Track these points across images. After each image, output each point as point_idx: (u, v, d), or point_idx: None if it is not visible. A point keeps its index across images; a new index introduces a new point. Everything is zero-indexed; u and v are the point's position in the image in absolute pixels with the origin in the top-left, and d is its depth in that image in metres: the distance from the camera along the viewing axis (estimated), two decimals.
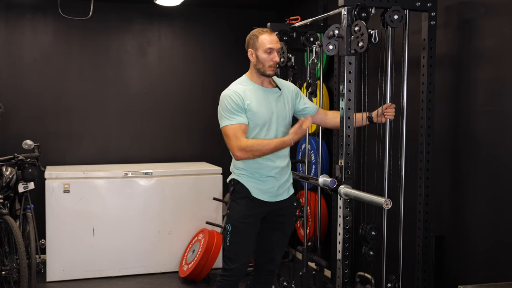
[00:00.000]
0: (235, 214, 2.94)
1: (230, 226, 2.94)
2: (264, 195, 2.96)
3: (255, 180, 2.94)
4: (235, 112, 2.86)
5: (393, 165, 3.03)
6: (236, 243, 2.94)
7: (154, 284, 4.54)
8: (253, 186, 2.94)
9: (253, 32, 2.98)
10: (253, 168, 2.94)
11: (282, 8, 5.54)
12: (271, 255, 3.10)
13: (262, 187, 2.95)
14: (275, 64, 2.94)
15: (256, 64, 2.95)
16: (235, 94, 2.88)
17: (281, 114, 3.00)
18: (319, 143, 3.97)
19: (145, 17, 5.37)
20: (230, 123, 2.85)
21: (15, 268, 3.89)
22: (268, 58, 2.92)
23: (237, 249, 2.94)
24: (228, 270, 2.96)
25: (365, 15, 2.71)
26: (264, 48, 2.91)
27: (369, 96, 3.36)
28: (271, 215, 3.02)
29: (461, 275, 3.08)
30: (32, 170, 4.20)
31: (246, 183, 2.94)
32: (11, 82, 5.02)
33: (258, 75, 2.97)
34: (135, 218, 4.71)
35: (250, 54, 2.97)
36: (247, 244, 2.97)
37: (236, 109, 2.86)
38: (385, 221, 3.00)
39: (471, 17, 3.02)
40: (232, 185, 3.00)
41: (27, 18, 5.05)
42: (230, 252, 2.96)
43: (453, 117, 3.15)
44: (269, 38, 2.92)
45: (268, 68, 2.93)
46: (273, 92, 3.01)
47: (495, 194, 2.86)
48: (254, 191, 2.94)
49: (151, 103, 5.42)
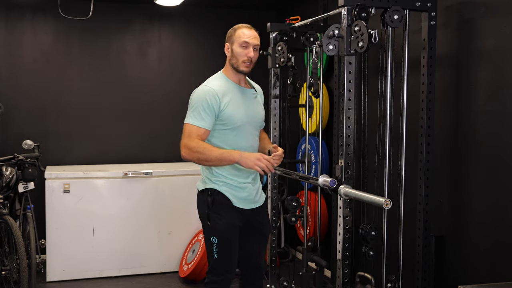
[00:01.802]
0: (220, 226, 2.80)
1: (216, 238, 2.79)
2: (243, 202, 2.87)
3: (233, 187, 2.84)
4: (203, 114, 2.77)
5: (393, 165, 3.03)
6: (224, 255, 2.81)
7: (154, 284, 4.54)
8: (233, 195, 2.83)
9: (233, 27, 2.91)
10: (231, 175, 2.83)
11: (282, 8, 5.54)
12: (256, 261, 3.01)
13: (240, 195, 2.85)
14: (249, 60, 2.82)
15: (231, 58, 2.86)
16: (213, 95, 2.78)
17: (256, 116, 2.94)
18: (319, 143, 3.97)
19: (145, 17, 5.37)
20: (193, 123, 2.77)
21: (15, 268, 3.89)
22: (242, 53, 2.81)
23: (226, 261, 2.83)
24: (216, 282, 2.84)
25: (365, 15, 2.71)
26: (240, 41, 2.81)
27: (369, 96, 3.36)
28: (252, 222, 2.93)
29: (461, 275, 3.08)
30: (32, 170, 4.20)
31: (225, 192, 2.82)
32: (11, 82, 5.02)
33: (234, 73, 2.87)
34: (135, 218, 4.71)
35: (226, 48, 2.88)
36: (235, 254, 2.87)
37: (207, 111, 2.77)
38: (385, 221, 3.00)
39: (471, 17, 3.02)
40: (209, 195, 2.83)
41: (27, 18, 5.05)
42: (218, 265, 2.83)
43: (453, 117, 3.15)
44: (247, 32, 2.83)
45: (241, 63, 2.82)
46: (250, 93, 2.94)
47: (495, 194, 2.86)
48: (235, 201, 2.84)
49: (151, 103, 5.41)
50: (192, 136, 2.75)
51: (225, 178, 2.84)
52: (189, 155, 2.73)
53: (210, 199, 2.83)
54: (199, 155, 2.71)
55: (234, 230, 2.85)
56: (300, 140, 4.67)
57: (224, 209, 2.83)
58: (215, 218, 2.81)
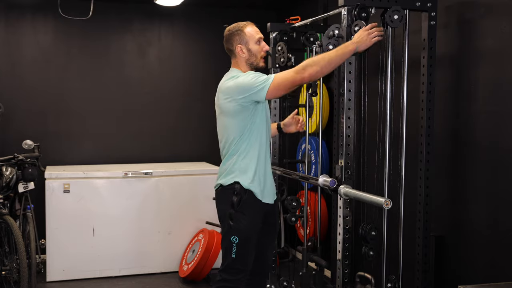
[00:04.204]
0: (244, 226, 2.75)
1: (238, 238, 2.74)
2: (268, 195, 2.86)
3: (262, 179, 2.81)
4: (264, 75, 2.71)
5: (393, 165, 3.03)
6: (242, 255, 2.77)
7: (154, 284, 4.54)
8: (260, 188, 2.80)
9: (235, 28, 2.87)
10: (261, 162, 2.80)
11: (282, 8, 5.54)
12: (264, 258, 3.00)
13: (265, 186, 2.83)
14: (265, 54, 2.87)
15: (249, 58, 2.85)
16: (253, 73, 2.76)
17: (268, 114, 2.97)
18: (319, 143, 3.97)
19: (145, 17, 5.37)
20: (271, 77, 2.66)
21: (15, 268, 3.89)
22: (259, 49, 2.85)
23: (243, 261, 2.79)
24: (230, 281, 2.80)
25: (365, 15, 2.71)
26: (255, 39, 2.84)
27: (369, 96, 3.36)
28: (267, 218, 2.91)
29: (461, 275, 3.08)
30: (32, 170, 4.20)
31: (254, 187, 2.77)
32: (11, 82, 5.02)
33: (250, 70, 2.86)
34: (135, 218, 4.71)
35: (240, 50, 2.85)
36: (252, 254, 2.84)
37: (262, 74, 2.72)
38: (385, 221, 3.00)
39: (471, 17, 3.02)
40: (235, 194, 2.75)
41: (27, 18, 5.05)
42: (235, 264, 2.78)
43: (453, 117, 3.15)
44: (254, 28, 2.87)
45: (260, 59, 2.86)
46: None
47: (495, 194, 2.86)
48: (261, 195, 2.80)
49: (151, 103, 5.42)
50: (285, 73, 2.66)
51: (256, 168, 2.78)
52: (312, 70, 2.59)
53: (236, 199, 2.75)
54: (317, 64, 2.59)
55: (255, 231, 2.82)
56: (300, 140, 4.67)
57: (250, 208, 2.77)
58: (239, 217, 2.75)
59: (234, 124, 2.80)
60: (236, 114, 2.78)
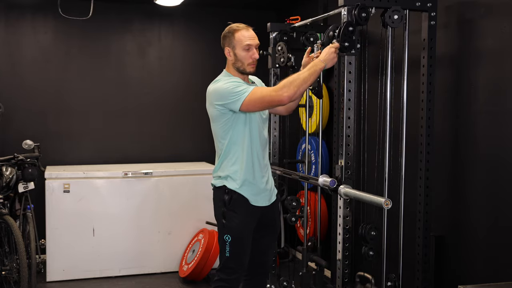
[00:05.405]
0: (235, 225, 2.78)
1: (230, 237, 2.77)
2: (260, 200, 2.85)
3: (250, 186, 2.80)
4: (244, 85, 2.70)
5: (393, 165, 3.03)
6: (237, 254, 2.79)
7: (154, 284, 4.54)
8: (250, 193, 2.80)
9: (229, 29, 2.82)
10: (248, 172, 2.78)
11: (282, 8, 5.54)
12: (264, 258, 3.01)
13: (257, 193, 2.83)
14: (254, 62, 2.79)
15: (235, 62, 2.80)
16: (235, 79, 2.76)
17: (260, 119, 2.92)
18: (319, 143, 3.97)
19: (145, 17, 5.37)
20: (248, 90, 2.66)
21: (15, 268, 3.89)
22: (247, 56, 2.77)
23: (238, 259, 2.81)
24: (226, 280, 2.82)
25: (365, 15, 2.71)
26: (242, 45, 2.76)
27: (369, 96, 3.36)
28: (265, 219, 2.91)
29: (461, 275, 3.08)
30: (32, 170, 4.20)
31: (243, 192, 2.78)
32: (11, 82, 5.02)
33: (238, 73, 2.83)
34: (135, 218, 4.71)
35: (227, 52, 2.81)
36: (247, 254, 2.85)
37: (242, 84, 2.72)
38: (385, 221, 3.00)
39: (471, 17, 3.02)
40: (226, 193, 2.79)
41: (27, 18, 5.05)
42: (230, 263, 2.80)
43: (453, 117, 3.15)
44: (246, 34, 2.77)
45: (247, 66, 2.79)
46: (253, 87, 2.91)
47: (495, 194, 2.86)
48: (252, 199, 2.81)
49: (151, 103, 5.41)
50: (263, 88, 2.71)
51: (243, 175, 2.79)
52: (289, 91, 2.59)
53: (227, 197, 2.79)
54: (294, 82, 2.61)
55: (248, 230, 2.83)
56: (300, 140, 4.67)
57: (241, 207, 2.79)
58: (231, 216, 2.78)
59: (217, 128, 2.85)
60: (217, 118, 2.82)
